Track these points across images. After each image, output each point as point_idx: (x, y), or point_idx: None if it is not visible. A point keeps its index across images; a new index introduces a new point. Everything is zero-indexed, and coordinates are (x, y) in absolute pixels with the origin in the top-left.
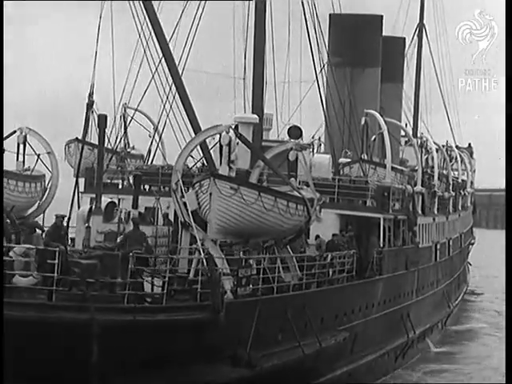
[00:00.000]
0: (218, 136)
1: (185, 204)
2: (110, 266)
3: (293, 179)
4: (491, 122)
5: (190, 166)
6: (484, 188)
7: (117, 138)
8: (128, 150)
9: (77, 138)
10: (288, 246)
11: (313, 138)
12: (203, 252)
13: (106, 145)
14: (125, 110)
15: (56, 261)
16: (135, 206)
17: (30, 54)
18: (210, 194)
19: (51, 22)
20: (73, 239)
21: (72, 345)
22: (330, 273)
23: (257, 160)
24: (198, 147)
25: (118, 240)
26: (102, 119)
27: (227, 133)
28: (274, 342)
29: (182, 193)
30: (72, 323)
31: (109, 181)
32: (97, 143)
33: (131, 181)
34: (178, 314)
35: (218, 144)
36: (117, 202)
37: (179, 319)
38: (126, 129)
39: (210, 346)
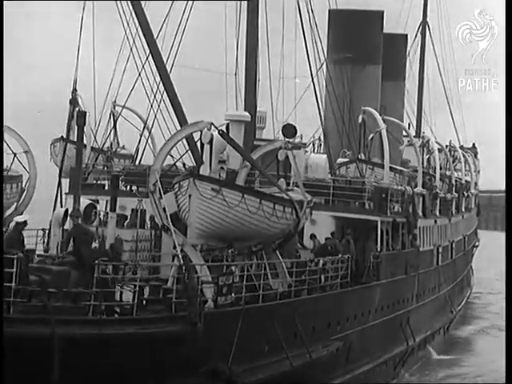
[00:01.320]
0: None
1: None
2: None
3: (282, 180)
4: (490, 123)
5: (169, 166)
6: (484, 189)
7: (105, 136)
8: (118, 149)
9: (62, 137)
10: (277, 251)
11: (313, 137)
12: (182, 258)
13: (91, 143)
14: (114, 108)
15: (14, 269)
16: (113, 208)
17: (18, 52)
18: (190, 195)
19: (42, 20)
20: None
21: (31, 361)
22: (323, 279)
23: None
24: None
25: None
26: (81, 116)
27: (208, 130)
28: (260, 355)
29: (160, 194)
30: (31, 337)
31: (95, 181)
32: (84, 142)
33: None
34: (151, 327)
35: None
36: (104, 203)
37: (151, 332)
38: (115, 127)
39: (186, 361)
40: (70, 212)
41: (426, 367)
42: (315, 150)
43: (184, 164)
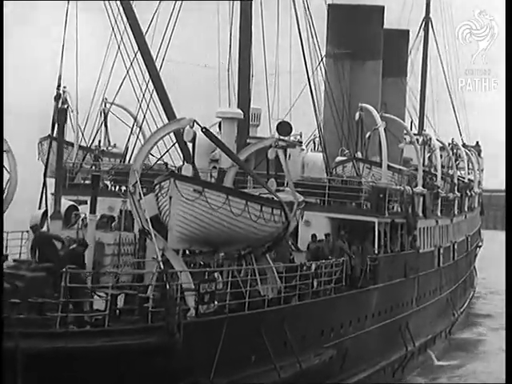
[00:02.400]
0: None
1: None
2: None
3: (272, 180)
4: (490, 122)
5: (149, 166)
6: (484, 189)
7: (93, 134)
8: (109, 147)
9: (49, 135)
10: (268, 255)
11: (314, 135)
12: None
13: (79, 141)
14: (105, 105)
15: None
16: (93, 210)
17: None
18: (170, 197)
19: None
20: None
21: None
22: (315, 284)
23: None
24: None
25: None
26: (62, 113)
27: (191, 127)
28: (246, 365)
29: (140, 196)
30: None
31: (82, 181)
32: (72, 141)
33: (106, 181)
34: (124, 339)
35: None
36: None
37: (125, 345)
38: (106, 125)
39: (164, 376)
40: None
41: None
42: (316, 149)
43: (166, 164)
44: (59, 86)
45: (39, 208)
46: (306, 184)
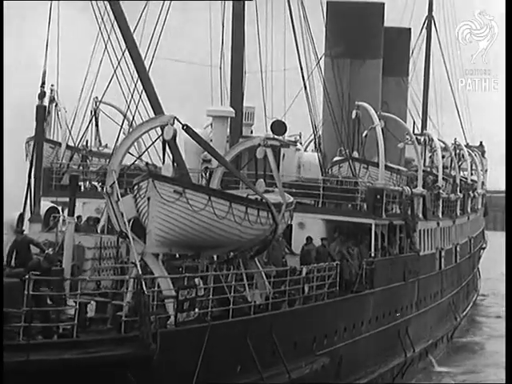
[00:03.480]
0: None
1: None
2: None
3: (261, 180)
4: (489, 123)
5: (127, 166)
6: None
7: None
8: (100, 147)
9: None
10: (257, 259)
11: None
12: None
13: (67, 141)
14: (95, 104)
15: None
16: (71, 212)
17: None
18: (149, 198)
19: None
20: None
21: None
22: (306, 289)
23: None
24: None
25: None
26: (41, 110)
27: (172, 125)
28: (230, 376)
29: (118, 197)
30: None
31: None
32: (59, 140)
33: (94, 183)
34: (95, 350)
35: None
36: (81, 206)
37: (96, 357)
38: (97, 125)
39: None
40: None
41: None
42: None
43: (147, 163)
44: (43, 83)
45: (24, 210)
46: (301, 185)
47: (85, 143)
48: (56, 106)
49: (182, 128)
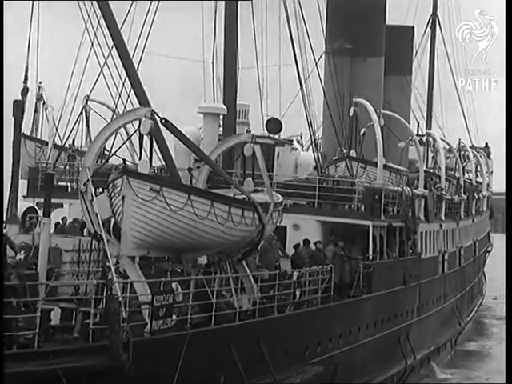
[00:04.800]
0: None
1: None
2: None
3: (249, 179)
4: (489, 123)
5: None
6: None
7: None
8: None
9: (23, 134)
10: (244, 263)
11: (318, 136)
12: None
13: (53, 140)
14: (86, 102)
15: None
16: (46, 212)
17: None
18: (123, 197)
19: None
20: None
21: None
22: (298, 294)
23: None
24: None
25: None
26: (19, 106)
27: (149, 118)
28: None
29: (92, 196)
30: None
31: (56, 182)
32: (46, 139)
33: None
34: (59, 362)
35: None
36: (68, 207)
37: (60, 369)
38: (88, 124)
39: None
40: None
41: None
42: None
43: (124, 160)
44: (26, 78)
45: (7, 211)
46: (296, 185)
47: (71, 142)
48: (44, 104)
49: (161, 122)
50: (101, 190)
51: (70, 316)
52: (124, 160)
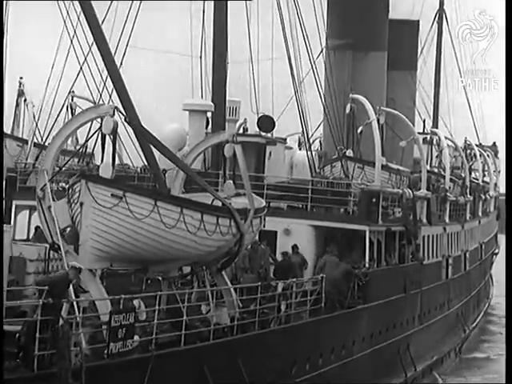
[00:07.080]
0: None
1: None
2: None
3: (230, 182)
4: (489, 123)
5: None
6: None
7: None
8: (77, 146)
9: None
10: (223, 274)
11: (320, 134)
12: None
13: (31, 138)
14: (72, 99)
15: None
16: (7, 218)
17: None
18: (82, 203)
19: None
20: None
21: None
22: (283, 307)
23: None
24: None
25: None
26: None
27: (111, 116)
28: None
29: (50, 202)
30: None
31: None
32: (26, 138)
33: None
34: None
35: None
36: None
37: None
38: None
39: None
40: None
41: None
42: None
43: (88, 163)
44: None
45: None
46: (287, 186)
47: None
48: (25, 100)
49: (125, 120)
50: None
51: (11, 341)
52: (88, 162)
